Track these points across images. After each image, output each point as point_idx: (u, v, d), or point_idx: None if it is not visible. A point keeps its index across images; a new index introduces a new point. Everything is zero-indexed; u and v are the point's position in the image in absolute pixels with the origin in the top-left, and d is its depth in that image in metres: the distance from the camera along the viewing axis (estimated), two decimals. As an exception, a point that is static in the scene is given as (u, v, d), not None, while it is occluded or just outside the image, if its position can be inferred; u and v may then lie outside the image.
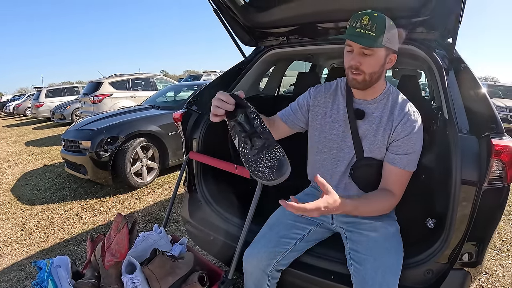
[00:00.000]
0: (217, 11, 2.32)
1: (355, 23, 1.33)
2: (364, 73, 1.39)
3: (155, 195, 4.44)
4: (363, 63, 1.37)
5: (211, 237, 2.05)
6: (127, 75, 10.28)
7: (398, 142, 1.45)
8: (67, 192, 4.74)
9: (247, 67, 2.56)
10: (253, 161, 1.14)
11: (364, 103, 1.53)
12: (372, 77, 1.41)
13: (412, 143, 1.43)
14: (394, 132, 1.46)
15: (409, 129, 1.43)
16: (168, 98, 6.66)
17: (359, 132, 1.52)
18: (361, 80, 1.40)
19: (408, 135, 1.43)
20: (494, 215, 1.51)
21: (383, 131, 1.48)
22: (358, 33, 1.32)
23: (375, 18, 1.31)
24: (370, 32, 1.30)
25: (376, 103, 1.51)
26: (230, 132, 1.23)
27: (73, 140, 4.66)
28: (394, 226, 1.56)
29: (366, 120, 1.51)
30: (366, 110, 1.52)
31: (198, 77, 18.11)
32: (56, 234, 3.47)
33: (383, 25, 1.31)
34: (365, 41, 1.30)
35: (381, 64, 1.40)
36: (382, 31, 1.31)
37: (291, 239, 1.58)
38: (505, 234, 3.51)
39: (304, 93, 1.72)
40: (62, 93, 15.83)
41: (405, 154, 1.44)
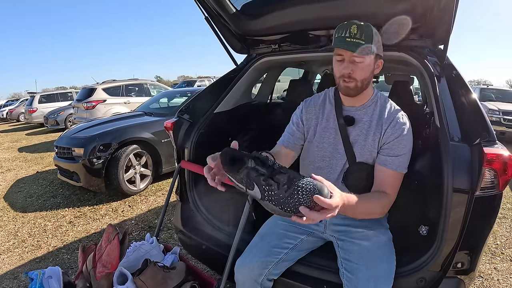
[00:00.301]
0: (209, 19, 2.32)
1: (343, 33, 1.38)
2: (356, 80, 1.43)
3: (148, 202, 4.42)
4: (355, 71, 1.42)
5: (203, 246, 2.04)
6: (121, 81, 10.24)
7: (389, 144, 1.47)
8: (60, 200, 4.70)
9: (238, 75, 2.56)
10: (288, 197, 0.97)
11: (353, 109, 1.57)
12: (363, 83, 1.46)
13: (403, 145, 1.46)
14: (384, 135, 1.49)
15: (399, 131, 1.46)
16: (161, 104, 6.65)
17: (350, 138, 1.55)
18: (353, 87, 1.45)
19: (398, 137, 1.46)
20: (487, 223, 1.52)
21: (373, 135, 1.51)
22: (349, 42, 1.36)
23: (363, 27, 1.37)
24: (360, 40, 1.35)
25: (365, 108, 1.55)
26: (240, 185, 1.08)
27: (66, 147, 4.63)
28: (386, 234, 1.56)
29: (356, 126, 1.54)
30: (355, 116, 1.55)
31: (192, 82, 18.07)
32: (49, 242, 3.43)
33: (371, 33, 1.38)
34: (357, 49, 1.35)
35: (371, 70, 1.46)
36: (370, 39, 1.37)
37: (282, 249, 1.57)
38: (499, 237, 3.52)
39: (295, 111, 1.74)
40: (56, 98, 15.73)
41: (396, 156, 1.46)
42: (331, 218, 1.58)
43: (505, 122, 9.13)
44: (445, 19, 1.73)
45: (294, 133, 1.69)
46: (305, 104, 1.72)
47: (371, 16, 1.98)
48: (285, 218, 1.64)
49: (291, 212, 0.98)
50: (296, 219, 0.97)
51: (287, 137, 1.70)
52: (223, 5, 2.22)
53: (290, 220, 1.63)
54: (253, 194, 1.05)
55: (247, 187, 1.05)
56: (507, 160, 1.44)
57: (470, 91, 1.78)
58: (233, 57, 2.64)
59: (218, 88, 2.55)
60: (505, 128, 9.03)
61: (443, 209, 1.48)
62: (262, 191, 1.02)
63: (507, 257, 3.13)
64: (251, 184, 1.04)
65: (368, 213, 1.42)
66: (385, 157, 1.47)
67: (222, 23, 2.38)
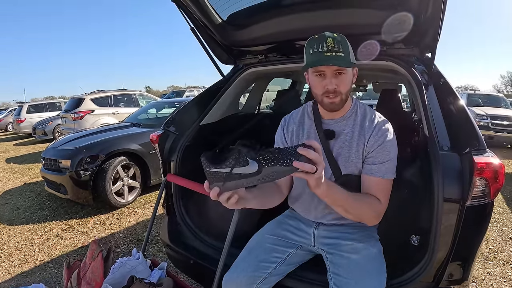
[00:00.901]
0: (194, 30, 2.30)
1: (320, 48, 1.33)
2: (341, 94, 1.39)
3: (136, 215, 4.36)
4: (339, 84, 1.37)
5: (191, 261, 2.01)
6: (109, 92, 10.20)
7: (373, 153, 1.44)
8: (47, 212, 4.63)
9: (225, 86, 2.54)
10: (283, 152, 1.01)
11: (333, 122, 1.53)
12: (347, 96, 1.43)
13: (387, 151, 1.43)
14: (367, 145, 1.45)
15: (382, 138, 1.43)
16: (149, 115, 6.62)
17: (333, 152, 1.51)
18: (338, 102, 1.41)
19: (381, 144, 1.43)
20: (479, 231, 1.52)
21: (356, 146, 1.47)
22: (330, 56, 1.32)
23: (338, 38, 1.34)
24: (339, 53, 1.32)
25: (345, 120, 1.51)
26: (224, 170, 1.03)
27: (53, 158, 4.57)
28: (376, 246, 1.53)
29: (338, 139, 1.51)
30: (336, 129, 1.51)
31: (181, 93, 18.07)
32: (36, 256, 3.38)
33: (346, 44, 1.36)
34: (340, 63, 1.32)
35: (351, 81, 1.43)
36: (347, 50, 1.35)
37: (271, 263, 1.54)
38: (491, 241, 3.55)
39: (277, 131, 1.71)
40: (44, 108, 15.56)
41: (382, 163, 1.42)
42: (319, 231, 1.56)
43: (493, 127, 9.29)
44: (432, 27, 1.73)
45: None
46: (285, 122, 1.69)
47: (359, 26, 1.99)
48: (273, 231, 1.64)
49: (291, 162, 0.99)
50: (297, 164, 0.98)
51: None
52: (209, 16, 2.21)
53: (278, 234, 1.63)
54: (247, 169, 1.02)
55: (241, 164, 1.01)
56: (498, 168, 1.44)
57: (459, 99, 1.78)
58: (220, 68, 2.62)
59: (205, 100, 2.53)
60: (493, 133, 9.19)
61: (434, 219, 1.47)
62: (258, 161, 1.01)
63: (500, 261, 3.15)
64: (244, 160, 1.01)
65: (359, 211, 1.38)
66: (370, 166, 1.44)
67: (208, 33, 2.37)
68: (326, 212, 1.57)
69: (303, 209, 1.65)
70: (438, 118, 1.71)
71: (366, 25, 1.99)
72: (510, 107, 11.04)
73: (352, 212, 1.36)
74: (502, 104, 11.25)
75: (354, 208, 1.35)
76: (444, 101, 1.80)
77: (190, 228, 2.13)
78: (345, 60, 1.33)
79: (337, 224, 1.58)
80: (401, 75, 2.12)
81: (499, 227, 3.95)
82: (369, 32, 2.00)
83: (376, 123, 1.47)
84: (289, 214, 1.76)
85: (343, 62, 1.32)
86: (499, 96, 12.51)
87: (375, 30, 1.95)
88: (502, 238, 3.67)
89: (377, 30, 1.95)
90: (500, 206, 4.62)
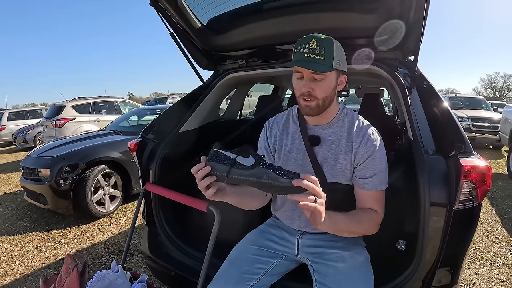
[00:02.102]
0: (173, 34, 2.26)
1: (302, 48, 1.29)
2: (317, 99, 1.35)
3: (118, 224, 4.28)
4: (315, 89, 1.33)
5: (173, 273, 1.96)
6: (90, 99, 10.09)
7: (363, 165, 1.40)
8: (27, 223, 4.52)
9: (205, 92, 2.49)
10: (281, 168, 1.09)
11: (319, 128, 1.48)
12: (325, 102, 1.37)
13: (377, 162, 1.39)
14: (356, 155, 1.41)
15: (371, 148, 1.39)
16: (131, 122, 6.56)
17: (318, 158, 1.47)
18: (314, 106, 1.36)
19: (371, 155, 1.39)
20: (467, 235, 1.49)
21: (343, 155, 1.43)
22: (308, 58, 1.28)
23: (323, 41, 1.28)
24: (320, 56, 1.26)
25: (331, 126, 1.47)
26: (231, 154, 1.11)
27: (32, 167, 4.47)
28: (362, 254, 1.49)
29: (323, 145, 1.46)
30: (321, 135, 1.47)
31: (163, 99, 18.03)
32: (16, 269, 3.29)
33: (332, 47, 1.29)
34: (316, 66, 1.27)
35: (333, 87, 1.36)
36: (331, 54, 1.28)
37: (254, 274, 1.48)
38: (477, 242, 3.60)
39: (260, 136, 1.67)
40: (25, 116, 15.26)
41: (373, 175, 1.39)
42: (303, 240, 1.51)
43: (474, 129, 9.58)
44: (414, 31, 1.73)
45: (268, 159, 1.61)
46: (268, 126, 1.65)
47: (341, 30, 1.98)
48: (256, 242, 1.60)
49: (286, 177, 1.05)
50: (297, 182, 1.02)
51: None
52: (188, 21, 2.19)
53: (261, 244, 1.59)
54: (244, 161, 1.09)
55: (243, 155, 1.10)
56: (485, 171, 1.43)
57: (442, 101, 1.78)
58: (199, 74, 2.59)
59: (184, 106, 2.47)
60: (475, 134, 9.46)
61: (421, 224, 1.45)
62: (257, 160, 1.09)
63: (487, 261, 3.19)
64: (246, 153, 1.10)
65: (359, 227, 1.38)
66: (363, 180, 1.41)
67: (187, 38, 2.33)
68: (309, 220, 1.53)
69: (287, 217, 1.61)
70: (422, 121, 1.70)
71: (347, 29, 1.98)
72: (490, 109, 11.39)
73: (356, 232, 1.39)
74: (483, 106, 11.65)
75: (357, 228, 1.37)
76: (428, 104, 1.79)
77: (171, 239, 2.07)
78: (323, 65, 1.27)
79: (322, 233, 1.53)
80: (384, 78, 2.11)
81: (485, 227, 4.01)
82: (351, 36, 2.00)
83: (365, 132, 1.43)
84: (272, 223, 1.71)
85: (319, 67, 1.27)
86: (479, 99, 12.92)
87: (357, 34, 1.94)
88: (488, 238, 3.72)
89: (359, 34, 1.94)
90: (484, 206, 4.70)
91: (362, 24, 1.91)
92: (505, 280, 2.86)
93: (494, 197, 5.14)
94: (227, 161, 1.09)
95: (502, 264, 3.13)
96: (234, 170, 1.08)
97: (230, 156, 1.09)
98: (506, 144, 7.22)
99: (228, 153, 1.10)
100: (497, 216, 4.38)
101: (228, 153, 1.10)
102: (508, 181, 6.21)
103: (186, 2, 2.09)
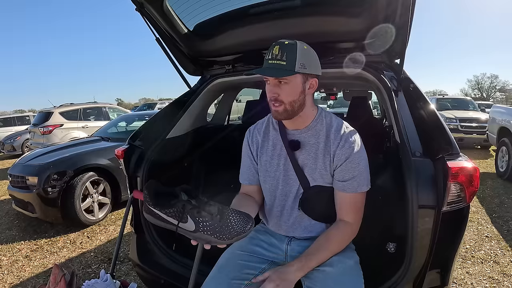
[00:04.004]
0: (160, 40, 2.24)
1: (268, 55, 1.34)
2: (283, 103, 1.36)
3: (108, 232, 4.24)
4: (280, 93, 1.36)
5: (162, 280, 1.95)
6: (78, 105, 10.04)
7: (341, 167, 1.40)
8: (15, 232, 4.46)
9: (192, 98, 2.48)
10: (223, 226, 1.11)
11: (298, 133, 1.49)
12: (293, 106, 1.38)
13: (356, 164, 1.39)
14: (335, 158, 1.42)
15: (349, 150, 1.39)
16: (119, 129, 6.53)
17: (299, 162, 1.48)
18: (282, 111, 1.38)
19: (349, 157, 1.39)
20: (456, 236, 1.50)
21: (323, 158, 1.44)
22: (270, 64, 1.32)
23: (285, 46, 1.31)
24: (281, 61, 1.30)
25: (309, 130, 1.48)
26: (171, 219, 1.13)
27: (20, 175, 4.41)
28: (352, 258, 1.48)
29: (303, 149, 1.48)
30: (301, 139, 1.48)
31: (152, 105, 17.97)
32: (5, 279, 3.23)
33: (294, 52, 1.31)
34: (276, 72, 1.31)
35: (299, 91, 1.37)
36: (293, 58, 1.30)
37: (243, 280, 1.45)
38: (468, 241, 3.64)
39: (243, 144, 1.68)
40: (13, 122, 15.12)
41: (352, 177, 1.39)
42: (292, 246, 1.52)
43: (462, 129, 9.70)
44: (400, 34, 1.74)
45: (251, 167, 1.64)
46: (250, 134, 1.67)
47: (327, 34, 1.98)
48: (244, 248, 1.58)
49: (225, 240, 1.11)
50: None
51: (247, 174, 1.65)
52: (174, 26, 2.18)
53: (249, 250, 1.57)
54: (186, 226, 1.11)
55: (180, 220, 1.10)
56: (472, 172, 1.45)
57: (429, 104, 1.79)
58: (186, 79, 2.58)
59: (171, 112, 2.46)
60: (463, 135, 9.58)
61: (410, 226, 1.46)
62: (197, 223, 1.09)
63: (477, 260, 3.22)
64: (184, 217, 1.09)
65: (334, 251, 1.41)
66: (342, 183, 1.41)
67: (174, 44, 2.32)
68: (296, 225, 1.54)
69: (274, 223, 1.61)
70: (409, 123, 1.71)
71: (333, 33, 1.98)
72: (478, 110, 11.55)
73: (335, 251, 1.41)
74: (470, 107, 11.80)
75: (334, 250, 1.41)
76: (415, 107, 1.80)
77: (160, 246, 2.05)
78: (283, 70, 1.30)
79: (309, 238, 1.53)
80: (371, 82, 2.12)
81: (475, 226, 4.05)
82: (338, 40, 2.00)
83: (342, 134, 1.43)
84: (260, 229, 1.70)
85: (280, 72, 1.30)
86: (467, 100, 13.07)
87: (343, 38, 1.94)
88: (478, 237, 3.76)
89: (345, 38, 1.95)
90: (474, 205, 4.75)
91: (347, 28, 1.91)
92: (496, 278, 2.88)
93: (483, 196, 5.20)
94: (171, 225, 1.13)
95: (493, 262, 3.16)
96: (180, 229, 1.12)
97: (173, 223, 1.12)
98: (494, 143, 7.31)
99: (168, 218, 1.12)
100: (486, 215, 4.43)
101: (168, 218, 1.12)
102: (497, 180, 6.30)
103: (173, 7, 2.08)
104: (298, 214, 1.52)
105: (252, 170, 1.63)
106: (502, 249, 3.43)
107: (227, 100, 3.49)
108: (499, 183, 6.07)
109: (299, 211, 1.51)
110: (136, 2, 1.99)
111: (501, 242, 3.58)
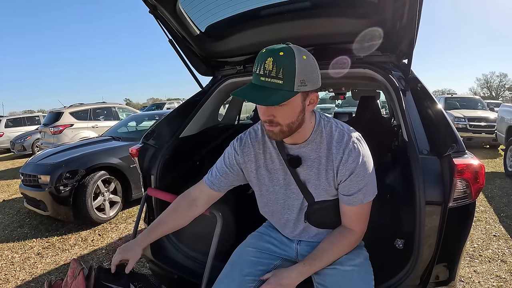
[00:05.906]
0: (173, 41, 2.28)
1: (259, 69, 1.11)
2: (280, 125, 1.20)
3: (119, 230, 4.29)
4: (277, 115, 1.18)
5: (175, 276, 1.98)
6: (88, 105, 10.12)
7: (346, 182, 1.30)
8: (27, 230, 4.51)
9: (204, 98, 2.52)
10: None
11: (297, 147, 1.36)
12: (291, 127, 1.22)
13: (361, 177, 1.29)
14: (338, 174, 1.31)
15: (353, 164, 1.27)
16: (129, 128, 6.56)
17: (301, 178, 1.39)
18: (278, 132, 1.21)
19: (354, 171, 1.28)
20: (463, 232, 1.53)
21: (325, 173, 1.33)
22: (263, 82, 1.10)
23: (280, 58, 1.07)
24: (277, 79, 1.08)
25: (309, 144, 1.34)
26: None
27: (31, 174, 4.48)
28: (361, 254, 1.47)
29: (304, 165, 1.36)
30: (301, 154, 1.36)
31: (161, 105, 17.95)
32: (17, 276, 3.28)
33: (292, 66, 1.08)
34: (270, 97, 1.09)
35: (299, 111, 1.19)
36: (292, 74, 1.08)
37: (256, 277, 1.46)
38: (476, 240, 3.63)
39: (229, 150, 1.53)
40: (23, 122, 15.22)
41: (358, 191, 1.30)
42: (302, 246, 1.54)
43: (471, 128, 9.59)
44: (407, 34, 1.76)
45: (227, 175, 1.50)
46: (240, 143, 1.49)
47: (336, 35, 2.01)
48: (256, 244, 1.59)
49: None
50: None
51: (217, 179, 1.51)
52: (187, 28, 2.21)
53: (261, 247, 1.57)
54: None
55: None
56: (478, 169, 1.47)
57: (436, 103, 1.81)
58: (198, 79, 2.61)
59: (183, 112, 2.50)
60: (471, 134, 9.48)
61: (417, 222, 1.48)
62: None
63: (485, 259, 3.22)
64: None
65: (340, 256, 1.39)
66: (347, 197, 1.32)
67: (186, 45, 2.36)
68: (304, 233, 1.52)
69: (278, 226, 1.60)
70: (417, 122, 1.73)
71: (343, 34, 2.00)
72: (486, 109, 11.42)
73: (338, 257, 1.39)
74: (479, 106, 11.68)
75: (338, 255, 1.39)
76: (422, 106, 1.82)
77: (173, 242, 2.09)
78: (281, 90, 1.09)
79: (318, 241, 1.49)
80: (379, 81, 2.14)
81: (483, 225, 4.04)
82: (347, 41, 2.02)
83: (344, 147, 1.29)
84: (270, 225, 1.69)
85: (275, 97, 1.08)
86: (475, 99, 12.92)
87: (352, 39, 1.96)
88: (486, 236, 3.76)
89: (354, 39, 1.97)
90: (482, 205, 4.74)
91: (356, 29, 1.93)
92: (503, 277, 2.89)
93: (491, 196, 5.18)
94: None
95: (501, 261, 3.16)
96: None
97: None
98: (503, 143, 7.26)
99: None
100: (494, 214, 4.43)
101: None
102: (505, 179, 6.26)
103: (185, 9, 2.12)
104: (305, 225, 1.48)
105: (225, 177, 1.51)
106: (510, 248, 3.43)
107: (237, 100, 3.52)
108: (508, 182, 6.04)
109: (305, 223, 1.47)
110: (149, 5, 2.02)
111: (509, 241, 3.58)
